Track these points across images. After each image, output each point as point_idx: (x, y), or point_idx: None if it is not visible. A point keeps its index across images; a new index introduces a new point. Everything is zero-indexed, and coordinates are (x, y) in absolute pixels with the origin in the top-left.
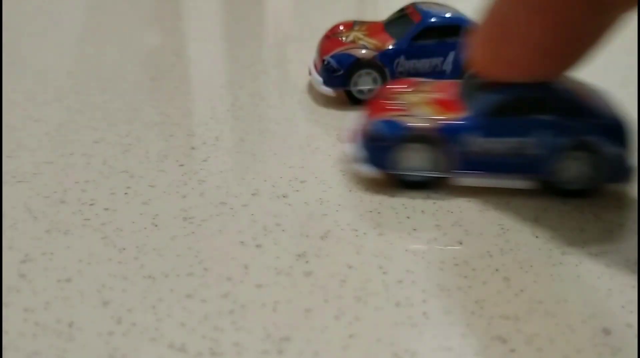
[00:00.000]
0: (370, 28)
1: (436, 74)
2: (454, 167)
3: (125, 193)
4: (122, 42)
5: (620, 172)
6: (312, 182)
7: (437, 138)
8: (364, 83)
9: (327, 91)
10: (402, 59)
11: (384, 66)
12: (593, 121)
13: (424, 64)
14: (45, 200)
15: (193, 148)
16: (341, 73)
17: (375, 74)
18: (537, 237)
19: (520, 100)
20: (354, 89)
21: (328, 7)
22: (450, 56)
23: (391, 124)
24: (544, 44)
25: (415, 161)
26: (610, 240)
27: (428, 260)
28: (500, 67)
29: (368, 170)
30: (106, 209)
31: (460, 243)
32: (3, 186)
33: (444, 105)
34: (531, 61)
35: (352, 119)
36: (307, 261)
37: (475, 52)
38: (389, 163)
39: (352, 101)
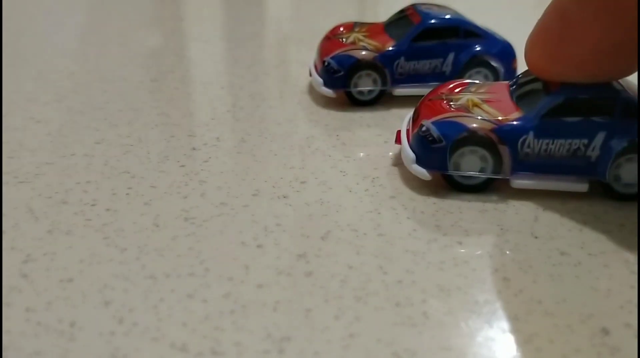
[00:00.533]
0: (371, 29)
1: (436, 75)
2: (510, 169)
3: (127, 194)
4: (123, 43)
5: None
6: (312, 183)
7: (496, 139)
8: (364, 84)
9: (328, 92)
10: (402, 60)
11: (384, 67)
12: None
13: (423, 65)
14: (46, 201)
15: (194, 149)
16: (341, 74)
17: (375, 75)
18: (536, 237)
19: (576, 101)
20: (354, 91)
21: (328, 8)
22: (450, 57)
23: (451, 124)
24: (603, 45)
25: (472, 163)
26: (609, 240)
27: (428, 260)
28: (558, 67)
29: (421, 172)
30: (107, 209)
31: (460, 244)
32: (5, 186)
33: (498, 106)
34: (590, 61)
35: (404, 120)
36: (307, 262)
37: (532, 52)
38: (446, 164)
39: (353, 102)
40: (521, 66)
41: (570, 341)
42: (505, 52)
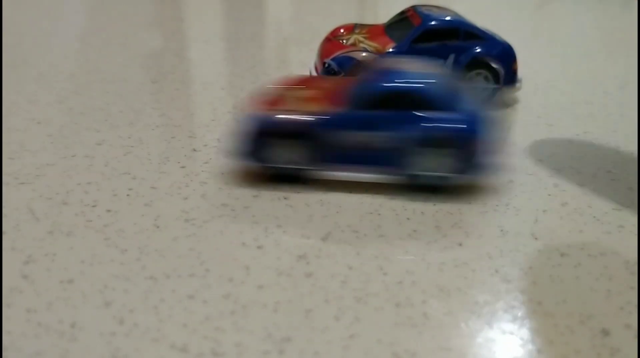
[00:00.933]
0: (371, 31)
1: None
2: (325, 160)
3: (128, 195)
4: (124, 44)
5: (479, 167)
6: (312, 184)
7: (307, 132)
8: None
9: None
10: None
11: None
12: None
13: None
14: (47, 202)
15: (194, 150)
16: (342, 75)
17: None
18: (536, 239)
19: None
20: None
21: (328, 9)
22: (451, 58)
23: (263, 118)
24: None
25: (288, 154)
26: (608, 241)
27: (428, 261)
28: None
29: (245, 163)
30: (108, 210)
31: (460, 245)
32: (5, 187)
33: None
34: None
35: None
36: (307, 262)
37: None
38: (264, 156)
39: None
40: (521, 67)
41: (570, 342)
42: (506, 54)
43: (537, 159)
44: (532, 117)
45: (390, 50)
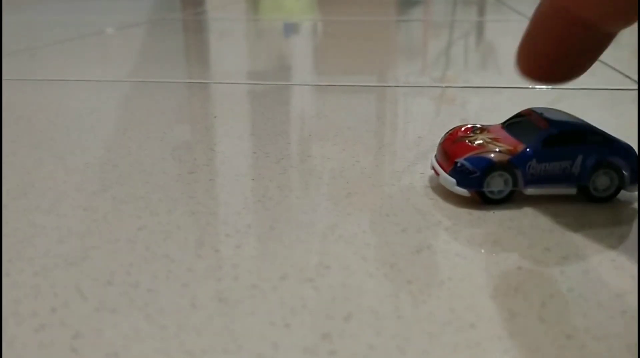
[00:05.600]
0: (492, 132)
1: (566, 176)
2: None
3: (167, 276)
4: (161, 138)
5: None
6: (335, 267)
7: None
8: (496, 184)
9: (462, 191)
10: (534, 162)
11: (517, 168)
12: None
13: (554, 166)
14: (93, 281)
15: (227, 235)
16: (477, 175)
17: (507, 176)
18: (543, 321)
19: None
20: (486, 190)
21: (348, 107)
22: (579, 159)
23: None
24: (553, 58)
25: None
26: (612, 325)
27: (443, 341)
28: (530, 73)
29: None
30: (149, 290)
31: (472, 326)
32: (55, 268)
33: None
34: (547, 69)
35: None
36: (331, 341)
37: (517, 62)
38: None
39: (484, 201)
40: None
41: None
42: (629, 154)
43: (544, 248)
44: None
45: (520, 151)
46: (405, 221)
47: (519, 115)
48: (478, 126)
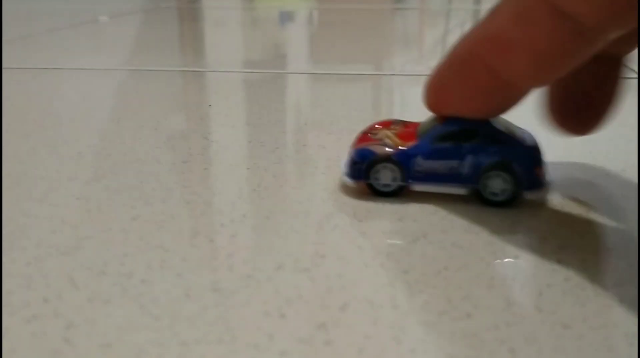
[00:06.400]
0: (407, 127)
1: (453, 176)
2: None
3: (161, 266)
4: (155, 127)
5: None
6: (331, 257)
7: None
8: (385, 177)
9: (348, 181)
10: (419, 158)
11: (401, 163)
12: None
13: (440, 164)
14: (87, 271)
15: (222, 225)
16: (359, 166)
17: (395, 169)
18: (540, 311)
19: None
20: (374, 183)
21: (345, 96)
22: (468, 159)
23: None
24: (479, 95)
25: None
26: (609, 315)
27: (439, 330)
28: (445, 107)
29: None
30: (143, 280)
31: (469, 316)
32: (48, 258)
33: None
34: (469, 104)
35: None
36: (327, 331)
37: (428, 94)
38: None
39: (374, 192)
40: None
41: None
42: (528, 158)
43: (541, 237)
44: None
45: (405, 148)
46: (402, 210)
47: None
48: (400, 120)
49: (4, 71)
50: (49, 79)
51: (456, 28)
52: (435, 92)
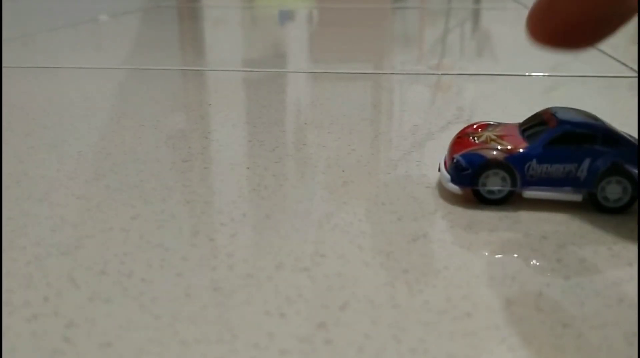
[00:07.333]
0: (505, 130)
1: (570, 180)
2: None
3: (161, 265)
4: (156, 126)
5: None
6: (331, 256)
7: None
8: (493, 184)
9: (454, 188)
10: (533, 162)
11: (514, 167)
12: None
13: (556, 169)
14: (87, 271)
15: (222, 224)
16: (469, 172)
17: (504, 174)
18: (540, 310)
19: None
20: (482, 189)
21: (344, 95)
22: (586, 163)
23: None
24: (576, 21)
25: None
26: (609, 314)
27: (439, 330)
28: (545, 37)
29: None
30: (143, 279)
31: (469, 315)
32: (48, 258)
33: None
34: (567, 33)
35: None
36: (327, 331)
37: (528, 25)
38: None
39: (480, 200)
40: None
41: None
42: None
43: (541, 237)
44: None
45: (521, 151)
46: (401, 210)
47: (536, 114)
48: (492, 123)
49: (4, 70)
50: (49, 78)
51: (456, 27)
52: (541, 19)
